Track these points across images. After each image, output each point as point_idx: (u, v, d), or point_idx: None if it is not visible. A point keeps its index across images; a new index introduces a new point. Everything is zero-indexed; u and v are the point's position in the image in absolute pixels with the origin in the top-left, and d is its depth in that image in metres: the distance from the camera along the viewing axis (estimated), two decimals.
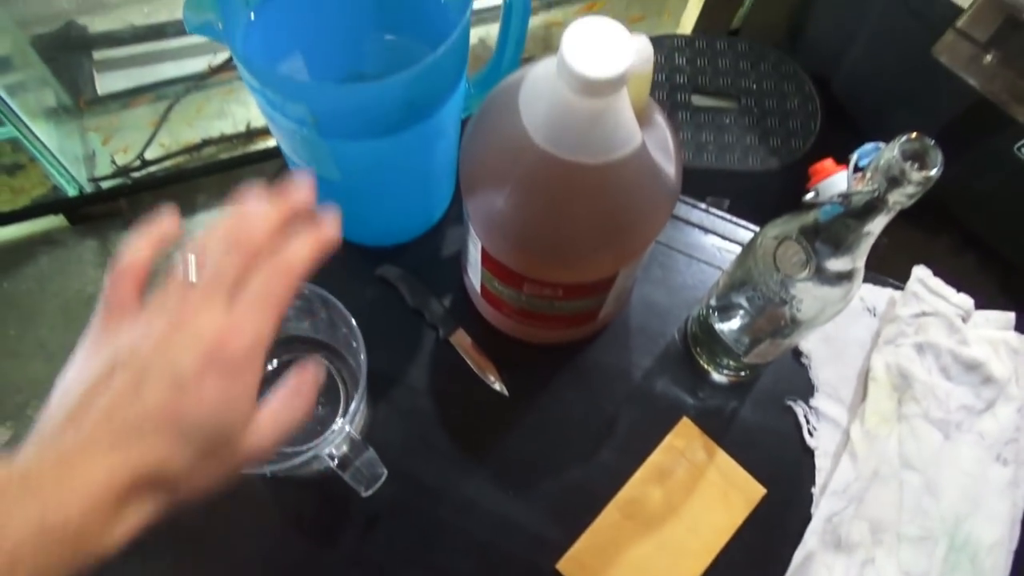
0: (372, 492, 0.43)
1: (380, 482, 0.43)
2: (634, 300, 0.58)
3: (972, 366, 0.54)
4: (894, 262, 0.58)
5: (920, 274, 0.57)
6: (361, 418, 0.49)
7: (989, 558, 0.50)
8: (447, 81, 0.44)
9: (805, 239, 0.40)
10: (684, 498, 0.51)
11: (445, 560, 0.49)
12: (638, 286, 0.58)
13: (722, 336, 0.50)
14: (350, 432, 0.42)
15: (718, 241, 0.60)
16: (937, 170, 0.33)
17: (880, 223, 0.37)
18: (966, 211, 1.17)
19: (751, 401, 0.54)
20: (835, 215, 0.38)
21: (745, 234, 0.61)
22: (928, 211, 0.55)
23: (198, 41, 1.46)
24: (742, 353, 0.50)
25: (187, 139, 1.46)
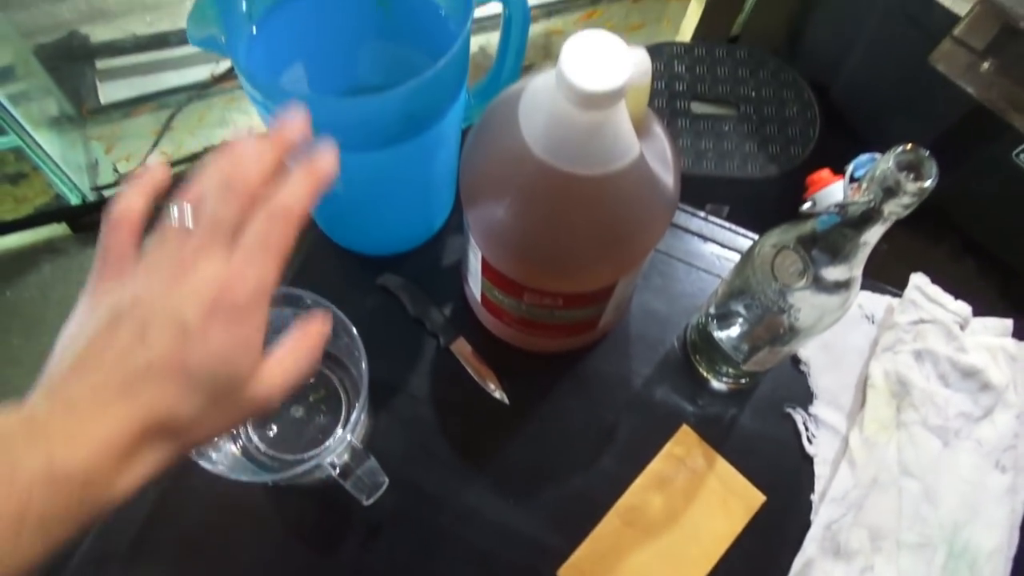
0: (373, 501, 0.43)
1: (381, 491, 0.43)
2: (634, 308, 0.58)
3: (970, 373, 0.54)
4: (894, 269, 0.59)
5: (918, 281, 0.57)
6: (362, 427, 0.49)
7: (988, 565, 0.50)
8: (448, 93, 0.45)
9: (803, 248, 0.41)
10: (684, 505, 0.51)
11: (446, 568, 0.49)
12: (637, 294, 0.58)
13: (721, 344, 0.51)
14: (351, 441, 0.42)
15: (717, 249, 0.61)
16: (932, 181, 0.34)
17: (877, 233, 0.37)
18: (965, 217, 1.17)
19: (750, 408, 0.55)
20: (832, 225, 0.38)
21: (744, 242, 0.61)
22: (928, 218, 0.56)
23: (200, 50, 1.47)
24: (741, 361, 0.50)
25: (189, 148, 1.46)
